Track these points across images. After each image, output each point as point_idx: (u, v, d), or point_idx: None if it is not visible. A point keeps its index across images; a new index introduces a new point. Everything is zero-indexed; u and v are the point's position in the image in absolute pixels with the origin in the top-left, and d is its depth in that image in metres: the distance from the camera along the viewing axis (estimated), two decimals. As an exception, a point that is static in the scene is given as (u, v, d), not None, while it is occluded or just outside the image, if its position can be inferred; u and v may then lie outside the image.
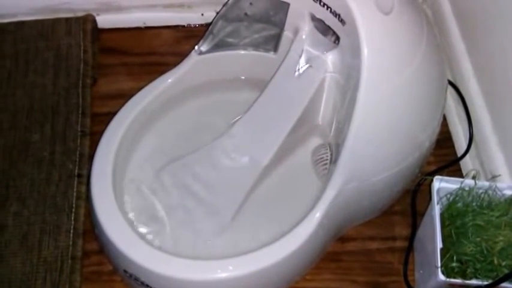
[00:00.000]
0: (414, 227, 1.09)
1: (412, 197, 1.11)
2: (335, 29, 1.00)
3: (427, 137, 1.03)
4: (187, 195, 1.08)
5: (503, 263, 0.90)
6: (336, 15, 0.97)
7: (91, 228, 1.07)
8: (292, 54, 1.07)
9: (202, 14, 1.37)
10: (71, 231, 1.07)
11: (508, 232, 0.92)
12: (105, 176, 1.02)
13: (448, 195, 0.97)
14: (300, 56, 1.06)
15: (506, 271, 0.89)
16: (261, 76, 1.14)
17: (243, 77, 1.20)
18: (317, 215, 0.96)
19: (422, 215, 1.05)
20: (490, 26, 1.10)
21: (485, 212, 0.94)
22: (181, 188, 1.09)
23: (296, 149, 1.14)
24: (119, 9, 1.35)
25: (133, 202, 1.07)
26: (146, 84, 1.13)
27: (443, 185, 0.97)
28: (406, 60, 0.95)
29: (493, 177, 1.03)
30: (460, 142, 1.19)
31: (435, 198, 0.96)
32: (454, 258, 0.92)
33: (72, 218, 1.08)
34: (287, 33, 1.11)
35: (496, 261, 0.90)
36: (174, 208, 1.07)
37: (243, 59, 1.17)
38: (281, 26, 1.10)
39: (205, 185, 1.09)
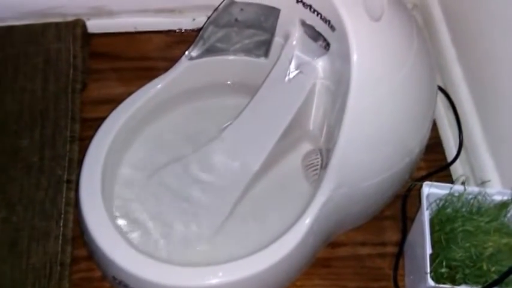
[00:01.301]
0: (404, 232, 1.09)
1: (402, 202, 1.11)
2: (325, 35, 1.00)
3: (417, 142, 1.03)
4: (177, 201, 1.08)
5: (493, 269, 0.90)
6: (326, 21, 0.97)
7: (80, 234, 1.06)
8: (282, 60, 1.07)
9: (193, 19, 1.37)
10: (60, 237, 1.06)
11: (497, 238, 0.92)
12: (94, 181, 1.01)
13: (438, 201, 0.97)
14: (291, 62, 1.06)
15: (495, 277, 0.89)
16: (252, 81, 1.14)
17: (233, 82, 1.20)
18: (307, 220, 0.96)
19: (413, 220, 1.05)
20: (480, 32, 1.10)
21: (474, 217, 0.94)
22: (171, 194, 1.09)
23: (287, 155, 1.14)
24: (110, 13, 1.35)
25: (123, 208, 1.07)
26: (137, 89, 1.12)
27: (433, 190, 0.97)
28: (396, 66, 0.95)
29: (483, 183, 1.03)
30: (450, 148, 1.19)
31: (425, 203, 0.96)
32: (444, 263, 0.92)
33: (61, 224, 1.07)
34: (278, 39, 1.11)
35: (485, 267, 0.90)
36: (163, 214, 1.07)
37: (233, 64, 1.17)
38: (272, 31, 1.10)
39: (195, 191, 1.09)
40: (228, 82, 1.20)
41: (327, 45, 1.02)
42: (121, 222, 1.05)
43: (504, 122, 1.04)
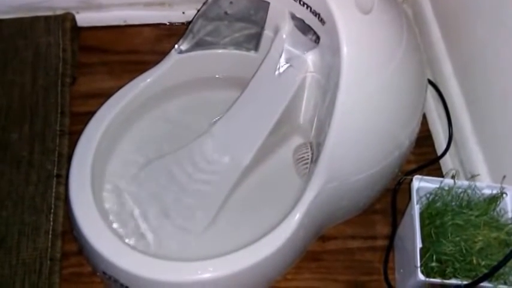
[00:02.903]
0: (394, 226, 1.09)
1: (392, 196, 1.11)
2: (315, 29, 1.00)
3: (407, 136, 1.04)
4: (167, 195, 1.08)
5: (482, 263, 0.90)
6: (315, 14, 0.97)
7: (70, 229, 1.06)
8: (272, 54, 1.07)
9: (183, 12, 1.36)
10: (50, 232, 1.06)
11: (487, 232, 0.92)
12: (83, 176, 1.01)
13: (428, 195, 0.97)
14: (281, 56, 1.06)
15: (485, 271, 0.89)
16: (242, 75, 1.14)
17: (223, 76, 1.19)
18: (297, 214, 0.96)
19: (403, 213, 1.05)
20: (470, 26, 1.10)
21: (464, 211, 0.94)
22: (161, 189, 1.08)
23: (277, 149, 1.13)
24: (99, 7, 1.34)
25: (112, 203, 1.06)
26: (126, 83, 1.12)
27: (423, 184, 0.97)
28: (385, 59, 0.95)
29: (472, 177, 1.03)
30: (440, 141, 1.20)
31: (414, 197, 0.96)
32: (434, 257, 0.92)
33: (51, 219, 1.07)
34: (267, 33, 1.10)
35: (475, 261, 0.90)
36: (153, 209, 1.07)
37: (223, 58, 1.17)
38: (261, 25, 1.10)
39: (185, 186, 1.09)
40: (218, 76, 1.19)
41: (317, 39, 1.02)
42: (111, 217, 1.05)
43: (494, 115, 1.04)
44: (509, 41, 0.97)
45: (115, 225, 1.04)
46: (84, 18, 1.35)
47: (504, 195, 0.96)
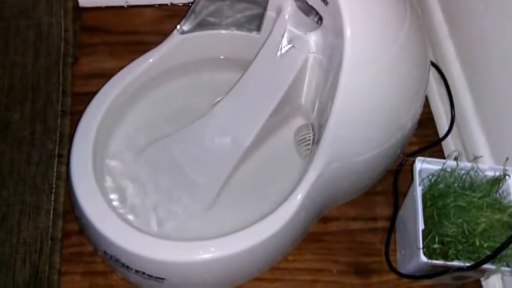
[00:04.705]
0: (396, 208, 1.09)
1: (394, 178, 1.11)
2: (318, 9, 0.99)
3: (409, 117, 1.03)
4: (169, 176, 1.08)
5: (485, 245, 0.90)
6: (318, -5, 0.97)
7: (71, 208, 1.06)
8: (274, 35, 1.06)
9: (185, -7, 1.36)
10: (51, 212, 1.06)
11: (489, 213, 0.92)
12: (85, 156, 1.01)
13: (430, 176, 0.97)
14: (283, 36, 1.05)
15: (487, 252, 0.89)
16: (244, 56, 1.13)
17: (225, 57, 1.19)
18: (299, 196, 0.96)
19: (405, 195, 1.05)
20: (472, 9, 1.10)
21: (467, 193, 0.94)
22: (162, 169, 1.08)
23: (279, 130, 1.13)
24: (101, -13, 1.34)
25: (114, 183, 1.06)
26: (128, 64, 1.12)
27: (425, 166, 0.97)
28: (388, 40, 0.95)
29: (475, 158, 1.03)
30: (442, 123, 1.19)
31: (417, 179, 0.95)
32: (436, 239, 0.92)
33: (52, 199, 1.07)
34: (270, 13, 1.10)
35: (477, 243, 0.90)
36: (155, 189, 1.07)
37: (225, 38, 1.16)
38: (264, 5, 1.09)
39: (186, 166, 1.08)
40: (220, 57, 1.19)
41: (320, 20, 1.01)
42: (112, 196, 1.05)
43: (496, 97, 1.04)
44: (513, 23, 0.97)
45: (116, 205, 1.04)
46: (86, -1, 1.35)
47: (507, 177, 0.96)
